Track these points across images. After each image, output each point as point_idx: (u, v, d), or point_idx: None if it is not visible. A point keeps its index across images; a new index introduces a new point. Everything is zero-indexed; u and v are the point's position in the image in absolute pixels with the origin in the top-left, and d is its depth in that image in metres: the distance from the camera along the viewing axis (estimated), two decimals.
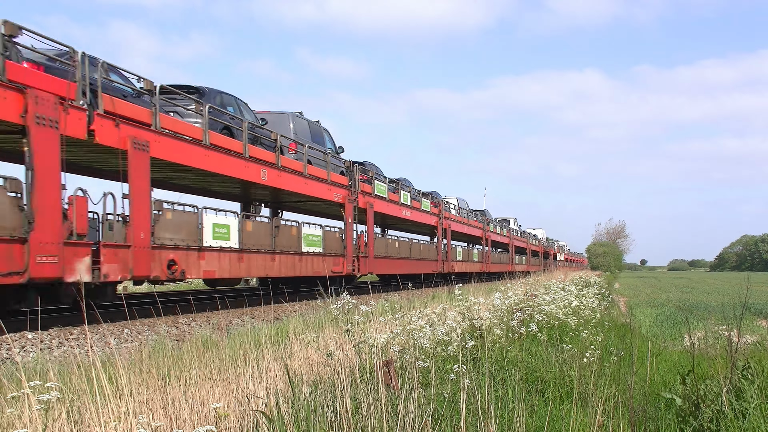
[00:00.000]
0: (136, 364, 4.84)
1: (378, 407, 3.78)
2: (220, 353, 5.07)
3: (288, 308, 15.45)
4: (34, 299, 10.56)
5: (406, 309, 9.78)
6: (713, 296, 27.26)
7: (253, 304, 15.92)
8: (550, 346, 7.00)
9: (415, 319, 6.10)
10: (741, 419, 4.80)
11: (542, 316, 8.83)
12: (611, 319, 13.22)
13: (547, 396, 5.56)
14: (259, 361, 5.09)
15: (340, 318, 5.38)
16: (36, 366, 6.24)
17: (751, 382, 5.22)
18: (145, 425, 3.30)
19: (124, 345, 9.57)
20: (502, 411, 4.58)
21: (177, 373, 4.52)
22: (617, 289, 40.50)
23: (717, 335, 9.12)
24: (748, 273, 79.35)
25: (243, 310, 14.65)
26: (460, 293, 8.06)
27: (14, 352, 8.43)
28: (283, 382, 4.70)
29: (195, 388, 4.22)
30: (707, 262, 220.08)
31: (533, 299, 10.60)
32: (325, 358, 5.23)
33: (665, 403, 5.72)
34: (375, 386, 3.94)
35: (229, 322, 12.30)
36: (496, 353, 6.62)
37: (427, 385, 4.70)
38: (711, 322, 10.89)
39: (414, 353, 5.16)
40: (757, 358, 6.24)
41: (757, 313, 17.69)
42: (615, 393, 5.71)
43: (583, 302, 11.27)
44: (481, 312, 8.11)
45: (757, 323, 15.06)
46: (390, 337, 5.63)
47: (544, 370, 6.24)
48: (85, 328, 9.92)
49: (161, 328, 11.32)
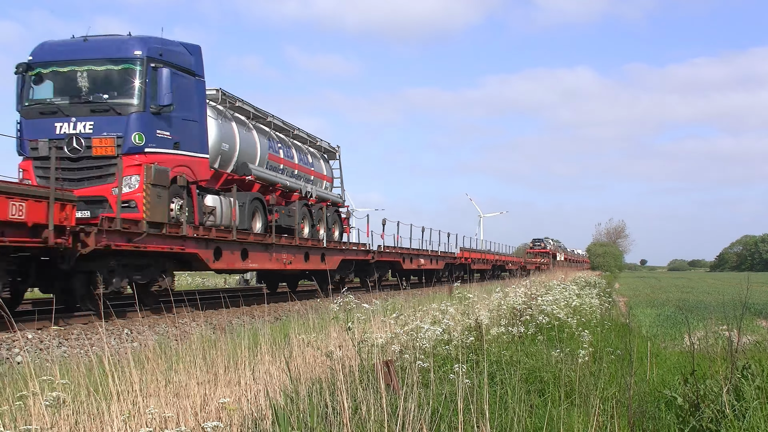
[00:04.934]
0: (141, 362, 4.84)
1: (378, 407, 3.78)
2: (221, 353, 5.08)
3: (288, 307, 15.45)
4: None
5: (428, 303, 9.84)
6: (713, 296, 27.24)
7: (251, 304, 15.91)
8: (550, 347, 7.01)
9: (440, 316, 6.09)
10: (741, 419, 4.80)
11: (543, 316, 8.84)
12: (611, 319, 13.22)
13: (547, 396, 5.57)
14: (259, 361, 5.10)
15: (341, 316, 5.38)
16: (40, 364, 6.24)
17: (751, 382, 5.22)
18: (155, 416, 3.31)
19: (123, 345, 9.57)
20: (502, 411, 4.59)
21: (178, 372, 4.52)
22: (617, 289, 40.48)
23: (717, 335, 9.12)
24: (748, 273, 79.22)
25: (243, 309, 14.64)
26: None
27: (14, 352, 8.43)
28: (283, 381, 4.71)
29: (196, 387, 4.23)
30: (707, 262, 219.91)
31: (534, 300, 10.61)
32: (325, 358, 5.24)
33: (665, 402, 5.73)
34: (375, 386, 3.95)
35: (229, 322, 12.29)
36: (495, 354, 6.62)
37: (428, 385, 4.70)
38: (711, 322, 10.89)
39: (414, 353, 5.17)
40: (757, 358, 6.24)
41: (757, 313, 17.67)
42: (615, 393, 5.71)
43: (584, 301, 11.29)
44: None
45: (757, 323, 15.04)
46: (391, 336, 5.64)
47: (543, 370, 6.24)
48: (88, 328, 9.91)
49: (161, 327, 11.33)
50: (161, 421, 3.50)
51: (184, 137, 13.57)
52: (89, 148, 12.47)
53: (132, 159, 12.35)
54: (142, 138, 12.65)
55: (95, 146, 12.46)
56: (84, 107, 12.72)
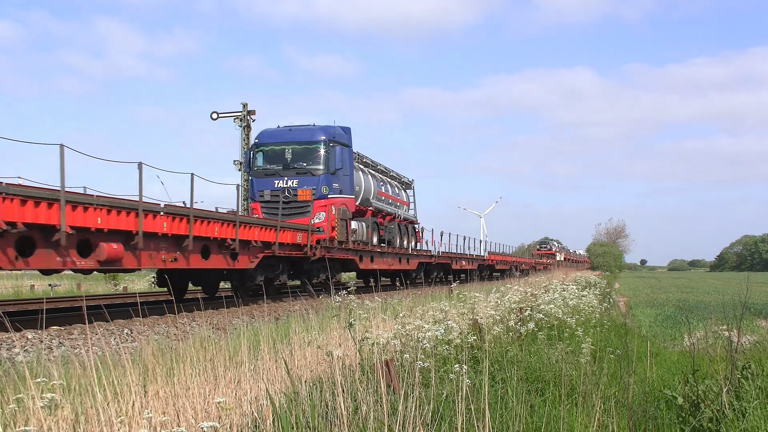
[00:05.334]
0: (140, 362, 4.85)
1: (378, 407, 3.78)
2: (221, 352, 5.08)
3: (288, 307, 15.45)
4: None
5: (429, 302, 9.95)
6: (713, 296, 27.25)
7: (250, 303, 15.91)
8: (550, 346, 7.01)
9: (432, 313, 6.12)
10: (741, 419, 4.80)
11: (542, 315, 8.84)
12: (611, 319, 13.22)
13: (547, 396, 5.57)
14: (259, 360, 5.10)
15: (342, 315, 5.39)
16: (39, 364, 6.25)
17: (751, 381, 5.22)
18: (150, 421, 3.31)
19: (124, 345, 9.57)
20: (502, 410, 4.59)
21: (179, 372, 4.52)
22: (617, 289, 40.51)
23: (717, 335, 9.12)
24: (748, 273, 79.20)
25: (242, 309, 14.65)
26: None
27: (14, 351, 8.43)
28: (283, 381, 4.71)
29: (197, 387, 4.23)
30: (707, 262, 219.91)
31: (534, 299, 10.62)
32: (325, 357, 5.24)
33: (665, 402, 5.73)
34: (375, 386, 3.95)
35: (229, 322, 12.30)
36: (496, 353, 6.62)
37: (428, 384, 4.70)
38: (711, 322, 10.89)
39: (414, 353, 5.17)
40: (757, 358, 6.24)
41: (757, 313, 17.69)
42: (615, 393, 5.71)
43: (583, 301, 11.29)
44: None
45: (757, 323, 15.06)
46: (391, 336, 5.64)
47: (543, 370, 6.24)
48: (86, 328, 9.91)
49: (161, 327, 11.33)
50: (160, 422, 3.50)
51: (344, 186, 21.17)
52: (295, 195, 20.20)
53: (320, 202, 20.10)
54: (326, 189, 20.39)
55: (299, 195, 20.21)
56: (291, 171, 20.64)
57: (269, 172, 20.64)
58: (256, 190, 20.67)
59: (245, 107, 30.40)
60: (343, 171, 21.04)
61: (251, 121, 30.34)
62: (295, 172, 20.44)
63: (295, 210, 19.91)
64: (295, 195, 20.04)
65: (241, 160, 29.47)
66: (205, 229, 13.59)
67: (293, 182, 20.30)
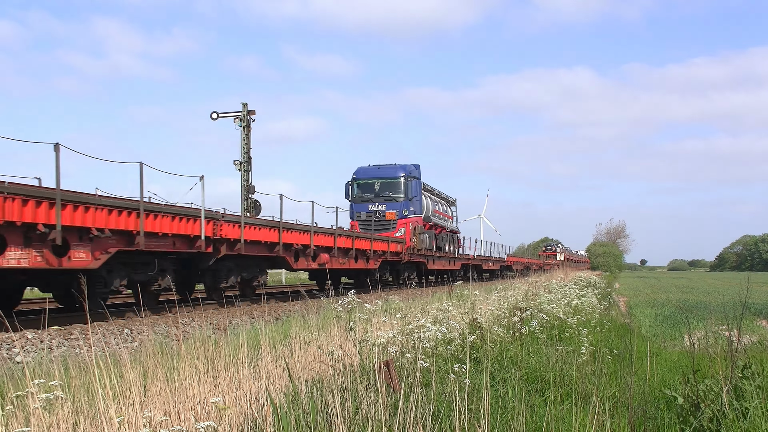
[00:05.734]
0: (140, 362, 4.85)
1: (378, 407, 3.78)
2: (221, 352, 5.08)
3: (288, 307, 15.46)
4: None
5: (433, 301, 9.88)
6: (713, 296, 27.26)
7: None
8: (550, 346, 7.01)
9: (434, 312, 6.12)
10: (741, 419, 4.80)
11: (544, 314, 8.84)
12: (611, 318, 13.23)
13: (547, 396, 5.57)
14: (259, 360, 5.10)
15: (343, 316, 5.39)
16: (39, 364, 6.25)
17: (751, 381, 5.22)
18: (151, 421, 3.31)
19: (124, 345, 9.57)
20: (503, 410, 4.59)
21: (179, 372, 4.53)
22: (617, 289, 40.52)
23: (717, 335, 9.11)
24: (748, 273, 79.19)
25: (242, 309, 14.66)
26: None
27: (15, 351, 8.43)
28: (283, 381, 4.71)
29: (198, 387, 4.23)
30: (707, 262, 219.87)
31: (534, 299, 10.62)
32: (325, 358, 5.24)
33: (665, 402, 5.73)
34: (375, 386, 3.94)
35: (228, 322, 12.30)
36: (496, 353, 6.62)
37: (428, 384, 4.70)
38: (711, 322, 10.88)
39: (414, 352, 5.17)
40: (758, 358, 6.24)
41: (757, 313, 17.69)
42: (615, 392, 5.71)
43: (583, 300, 11.29)
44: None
45: (757, 323, 15.06)
46: (391, 336, 5.64)
47: (543, 370, 6.24)
48: (87, 328, 9.91)
49: (161, 327, 11.33)
50: (159, 422, 3.49)
51: (416, 208, 29.33)
52: (384, 216, 28.41)
53: (401, 221, 28.21)
54: (406, 211, 28.51)
55: (387, 216, 28.41)
56: (381, 198, 28.84)
57: (364, 199, 28.90)
58: (355, 212, 28.82)
59: (245, 107, 30.43)
60: (417, 198, 29.32)
61: (251, 121, 30.37)
62: (383, 199, 28.74)
63: (383, 226, 28.10)
64: (383, 215, 28.41)
65: (241, 160, 29.83)
66: (359, 244, 22.56)
67: (382, 206, 28.58)
